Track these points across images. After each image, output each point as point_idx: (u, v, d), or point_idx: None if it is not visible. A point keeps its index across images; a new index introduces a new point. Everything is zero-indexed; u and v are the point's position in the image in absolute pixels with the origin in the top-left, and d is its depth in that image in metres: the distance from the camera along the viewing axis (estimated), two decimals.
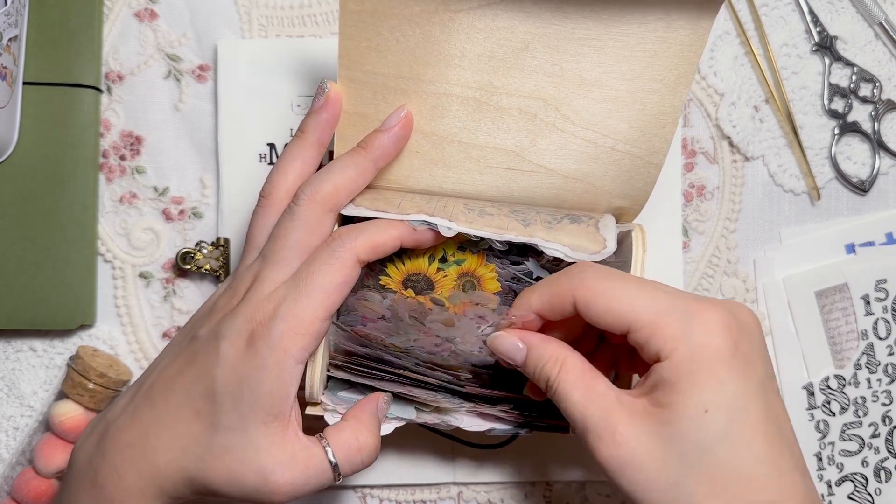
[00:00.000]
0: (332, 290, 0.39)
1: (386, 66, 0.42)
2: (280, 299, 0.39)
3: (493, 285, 0.43)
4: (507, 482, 0.54)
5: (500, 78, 0.42)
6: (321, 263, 0.39)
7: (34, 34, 0.51)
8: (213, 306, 0.42)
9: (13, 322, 0.52)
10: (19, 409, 0.54)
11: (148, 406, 0.41)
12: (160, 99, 0.54)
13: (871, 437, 0.53)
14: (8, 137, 0.50)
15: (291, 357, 0.39)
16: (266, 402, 0.39)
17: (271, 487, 0.39)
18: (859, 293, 0.53)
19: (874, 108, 0.54)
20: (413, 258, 0.43)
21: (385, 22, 0.41)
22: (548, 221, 0.42)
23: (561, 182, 0.44)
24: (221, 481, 0.39)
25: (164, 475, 0.40)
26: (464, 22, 0.41)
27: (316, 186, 0.41)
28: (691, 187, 0.54)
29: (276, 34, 0.54)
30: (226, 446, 0.39)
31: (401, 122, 0.43)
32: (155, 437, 0.40)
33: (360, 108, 0.43)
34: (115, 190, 0.54)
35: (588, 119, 0.43)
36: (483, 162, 0.44)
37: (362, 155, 0.42)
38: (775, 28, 0.54)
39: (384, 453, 0.53)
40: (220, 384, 0.39)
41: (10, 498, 0.51)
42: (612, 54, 0.41)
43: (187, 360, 0.40)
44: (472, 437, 0.52)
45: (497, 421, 0.44)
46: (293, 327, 0.38)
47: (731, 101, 0.54)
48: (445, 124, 0.43)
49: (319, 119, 0.43)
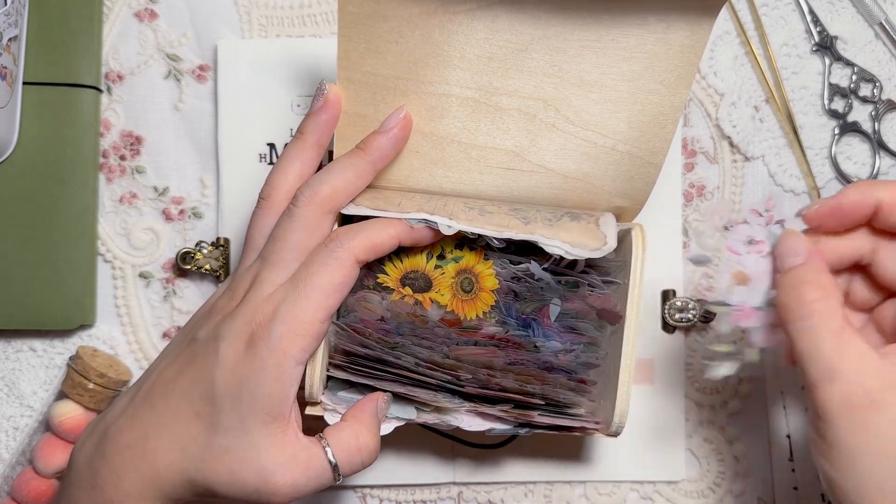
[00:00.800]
0: (332, 291, 0.39)
1: (385, 67, 0.42)
2: (279, 301, 0.39)
3: (492, 282, 0.43)
4: (507, 482, 0.54)
5: (500, 79, 0.42)
6: (320, 265, 0.39)
7: (34, 34, 0.51)
8: (212, 308, 0.42)
9: (13, 322, 0.52)
10: (19, 409, 0.54)
11: (147, 407, 0.41)
12: (160, 99, 0.54)
13: None
14: (8, 137, 0.50)
15: (291, 358, 0.39)
16: (266, 404, 0.39)
17: (272, 488, 0.39)
18: None
19: (874, 108, 0.54)
20: (411, 256, 0.43)
21: (384, 23, 0.41)
22: (548, 219, 0.42)
23: (561, 182, 0.44)
24: (221, 482, 0.39)
25: (163, 477, 0.40)
26: (463, 23, 0.41)
27: (315, 188, 0.41)
28: (691, 187, 0.54)
29: (276, 34, 0.54)
30: (225, 447, 0.39)
31: (399, 123, 0.43)
32: (155, 438, 0.40)
33: (360, 109, 0.43)
34: (115, 190, 0.54)
35: (588, 120, 0.43)
36: (483, 162, 0.44)
37: (361, 157, 0.42)
38: (775, 28, 0.54)
39: (384, 453, 0.53)
40: (219, 386, 0.39)
41: (10, 498, 0.51)
42: (612, 55, 0.41)
43: (186, 361, 0.41)
44: (472, 437, 0.52)
45: (497, 421, 0.44)
46: (293, 329, 0.38)
47: (732, 101, 0.54)
48: (445, 125, 0.43)
49: (318, 120, 0.43)
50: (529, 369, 0.42)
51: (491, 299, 0.43)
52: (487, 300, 0.43)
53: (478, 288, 0.43)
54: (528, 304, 0.43)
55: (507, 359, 0.42)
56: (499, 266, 0.43)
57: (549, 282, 0.43)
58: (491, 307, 0.43)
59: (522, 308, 0.43)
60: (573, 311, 0.43)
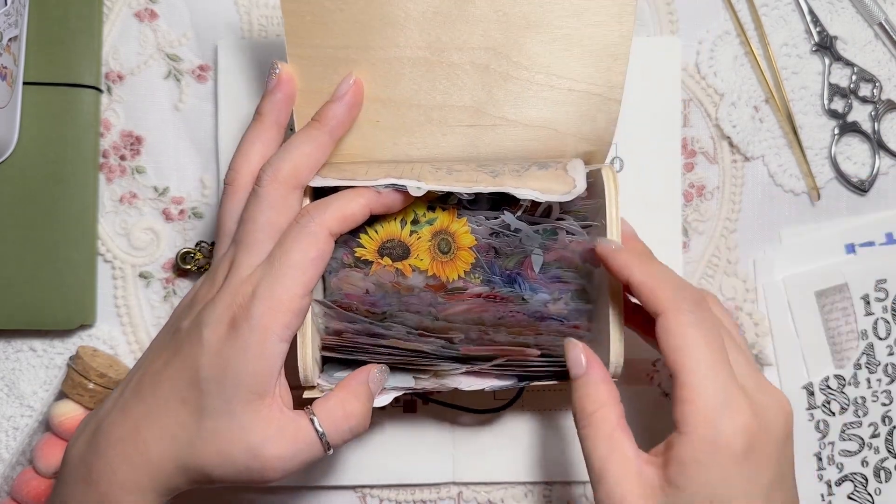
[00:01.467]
0: (308, 266, 0.40)
1: (333, 37, 0.42)
2: (257, 281, 0.39)
3: (468, 239, 0.43)
4: (507, 482, 0.54)
5: (447, 32, 0.42)
6: (293, 241, 0.40)
7: (34, 34, 0.51)
8: (193, 298, 0.42)
9: (13, 322, 0.52)
10: (19, 409, 0.54)
11: (137, 400, 0.41)
12: (160, 99, 0.54)
13: (871, 437, 0.53)
14: (8, 137, 0.50)
15: (274, 335, 0.39)
16: (250, 383, 0.39)
17: (261, 462, 0.39)
18: (859, 293, 0.53)
19: (874, 108, 0.54)
20: (385, 225, 0.43)
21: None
22: (516, 170, 0.42)
23: (524, 132, 0.44)
24: (213, 464, 0.40)
25: (156, 466, 0.40)
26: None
27: (276, 166, 0.41)
28: (691, 187, 0.54)
29: (276, 34, 0.54)
30: (213, 430, 0.39)
31: (351, 89, 0.43)
32: (146, 429, 0.40)
33: (315, 85, 0.43)
34: (115, 190, 0.54)
35: (540, 62, 0.43)
36: (444, 123, 0.44)
37: (318, 128, 0.42)
38: (775, 28, 0.54)
39: (384, 453, 0.53)
40: (204, 371, 0.39)
41: (10, 498, 0.51)
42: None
43: (172, 352, 0.41)
44: (474, 402, 0.52)
45: (495, 378, 0.44)
46: (273, 306, 0.39)
47: (731, 101, 0.54)
48: (401, 89, 0.43)
49: (274, 99, 0.43)
50: (521, 321, 0.43)
51: (470, 257, 0.43)
52: (467, 258, 0.43)
53: (455, 247, 0.43)
54: (510, 258, 0.43)
55: (497, 313, 0.42)
56: (473, 223, 0.43)
57: (526, 232, 0.43)
58: (472, 265, 0.42)
59: (505, 264, 0.43)
60: (557, 262, 0.43)
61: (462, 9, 0.42)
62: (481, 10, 0.42)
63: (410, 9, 0.42)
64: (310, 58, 0.43)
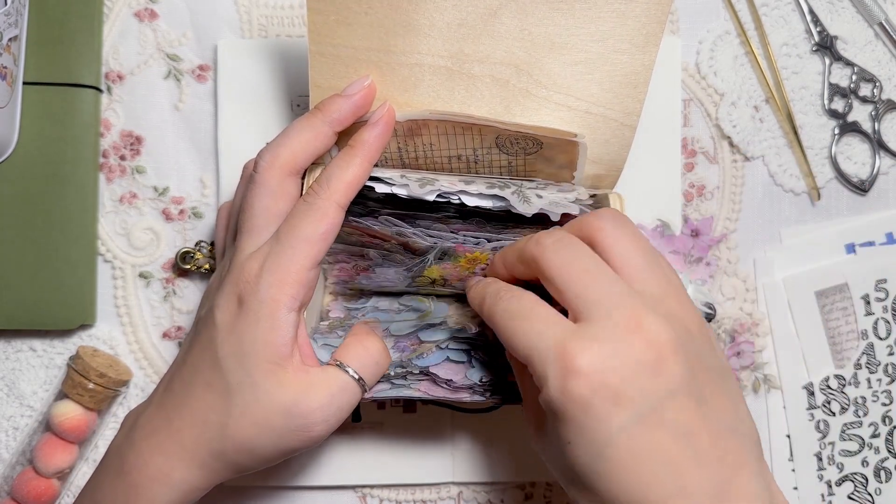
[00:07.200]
0: (317, 240, 0.40)
1: (356, 38, 0.42)
2: (264, 256, 0.40)
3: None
4: (507, 482, 0.54)
5: (471, 45, 0.42)
6: (301, 217, 0.40)
7: (34, 34, 0.51)
8: (207, 290, 0.44)
9: (13, 322, 0.52)
10: (19, 409, 0.54)
11: (168, 393, 0.42)
12: (160, 99, 0.54)
13: (872, 437, 0.53)
14: (8, 137, 0.50)
15: (283, 306, 0.39)
16: (267, 352, 0.39)
17: (302, 418, 0.39)
18: (859, 293, 0.53)
19: (874, 107, 0.54)
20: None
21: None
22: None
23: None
24: (252, 437, 0.40)
25: (190, 454, 0.40)
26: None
27: (274, 152, 0.41)
28: (691, 187, 0.54)
29: (276, 34, 0.54)
30: (242, 405, 0.39)
31: (363, 91, 0.43)
32: (178, 418, 0.41)
33: (333, 83, 0.43)
34: (115, 190, 0.54)
35: (560, 83, 0.43)
36: None
37: (318, 117, 0.42)
38: (775, 28, 0.54)
39: (384, 453, 0.53)
40: (221, 350, 0.40)
41: (10, 498, 0.51)
42: (580, 16, 0.41)
43: (192, 341, 0.42)
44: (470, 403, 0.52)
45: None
46: (280, 278, 0.39)
47: (732, 101, 0.54)
48: (419, 95, 0.43)
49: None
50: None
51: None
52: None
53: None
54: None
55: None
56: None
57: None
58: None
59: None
60: None
61: (488, 24, 0.42)
62: (507, 27, 0.42)
63: (436, 18, 0.42)
64: (331, 56, 0.43)
